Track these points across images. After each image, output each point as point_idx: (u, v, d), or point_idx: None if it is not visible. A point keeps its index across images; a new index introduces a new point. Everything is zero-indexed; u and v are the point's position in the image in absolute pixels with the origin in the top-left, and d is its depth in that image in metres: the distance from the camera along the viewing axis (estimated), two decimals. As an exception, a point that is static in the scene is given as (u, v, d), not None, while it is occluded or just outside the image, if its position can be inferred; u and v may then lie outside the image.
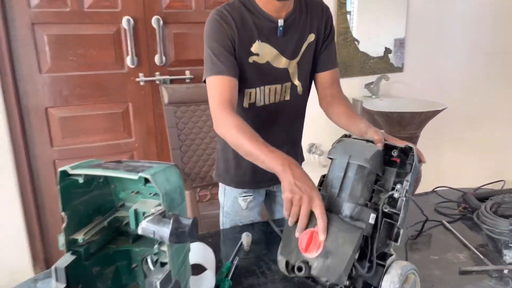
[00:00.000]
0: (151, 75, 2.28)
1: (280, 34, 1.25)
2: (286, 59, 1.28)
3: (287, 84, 1.33)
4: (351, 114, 1.27)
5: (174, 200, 0.79)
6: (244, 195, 1.46)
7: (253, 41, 1.23)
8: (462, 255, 1.16)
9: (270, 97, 1.33)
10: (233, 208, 1.48)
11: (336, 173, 0.96)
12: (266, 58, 1.26)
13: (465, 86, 2.99)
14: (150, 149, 2.35)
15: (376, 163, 0.94)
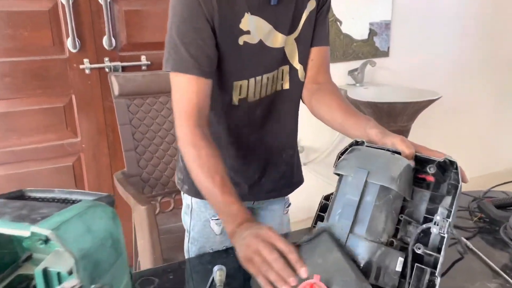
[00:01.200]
0: (99, 62, 1.96)
1: (274, 2, 0.93)
2: (281, 34, 0.98)
3: (285, 68, 1.03)
4: (349, 110, 0.98)
5: (101, 262, 0.49)
6: (217, 218, 1.14)
7: (241, 15, 0.91)
8: (493, 285, 0.93)
9: (267, 88, 1.02)
10: (203, 234, 1.16)
11: (349, 196, 0.69)
12: (259, 36, 0.95)
13: (454, 72, 2.89)
14: (101, 151, 2.04)
15: (405, 184, 0.68)
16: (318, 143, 2.46)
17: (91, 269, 0.47)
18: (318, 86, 1.06)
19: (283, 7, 0.96)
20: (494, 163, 3.19)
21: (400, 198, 0.70)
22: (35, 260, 0.61)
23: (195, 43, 0.87)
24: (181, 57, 0.87)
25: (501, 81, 3.08)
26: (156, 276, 0.99)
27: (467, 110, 3.00)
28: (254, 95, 1.01)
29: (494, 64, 3.00)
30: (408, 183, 0.71)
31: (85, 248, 0.46)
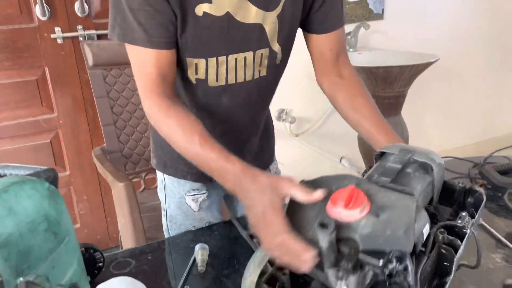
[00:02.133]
0: (72, 30, 1.83)
1: None
2: (257, 8, 0.81)
3: (264, 52, 0.87)
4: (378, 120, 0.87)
5: (32, 250, 0.39)
6: (193, 194, 1.05)
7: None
8: (497, 255, 0.87)
9: (236, 74, 0.87)
10: (180, 211, 1.07)
11: (390, 164, 0.69)
12: (225, 6, 0.78)
13: (452, 35, 2.78)
14: (80, 127, 1.94)
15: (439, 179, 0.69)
16: (309, 113, 2.37)
17: (16, 260, 0.37)
18: (343, 81, 0.93)
19: None
20: (494, 128, 3.14)
21: (431, 186, 0.66)
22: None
23: (143, 10, 0.73)
24: (129, 25, 0.74)
25: (502, 43, 2.99)
26: (133, 258, 0.92)
27: (466, 74, 2.92)
28: (217, 80, 0.86)
29: (495, 26, 2.90)
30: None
31: (4, 234, 0.36)
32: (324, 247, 0.53)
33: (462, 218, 0.66)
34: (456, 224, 0.65)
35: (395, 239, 0.53)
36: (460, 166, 1.25)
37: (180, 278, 0.82)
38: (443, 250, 0.64)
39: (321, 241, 0.53)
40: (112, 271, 0.84)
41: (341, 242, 0.55)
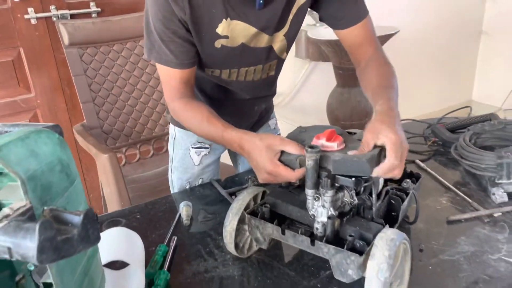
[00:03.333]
0: (45, 10, 1.83)
1: (259, 7, 0.88)
2: (268, 35, 0.95)
3: (273, 62, 1.03)
4: (376, 90, 0.90)
5: (52, 186, 0.48)
6: (198, 146, 1.19)
7: (219, 21, 0.88)
8: (444, 199, 1.00)
9: (246, 77, 1.03)
10: (182, 163, 1.20)
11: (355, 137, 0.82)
12: (240, 40, 0.93)
13: (410, 6, 2.89)
14: (58, 106, 1.96)
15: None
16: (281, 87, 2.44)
17: (40, 192, 0.46)
18: (365, 64, 0.99)
19: (269, 9, 0.90)
20: (452, 96, 3.30)
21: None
22: (-13, 198, 0.60)
23: (173, 41, 0.90)
24: (163, 51, 0.91)
25: (459, 11, 3.10)
26: (123, 217, 1.00)
27: (424, 45, 3.03)
28: (229, 77, 1.02)
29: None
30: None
31: (31, 169, 0.45)
32: (310, 164, 0.68)
33: (406, 183, 0.82)
34: (402, 187, 0.82)
35: (359, 164, 0.67)
36: (417, 128, 1.38)
37: (167, 232, 0.92)
38: (392, 201, 0.78)
39: (308, 159, 0.68)
40: (104, 229, 0.92)
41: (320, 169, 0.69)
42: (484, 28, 3.27)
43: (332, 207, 0.69)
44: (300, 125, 0.85)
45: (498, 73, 3.26)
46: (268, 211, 0.77)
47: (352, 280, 0.66)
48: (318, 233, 0.70)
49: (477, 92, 3.45)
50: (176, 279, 0.78)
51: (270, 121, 1.31)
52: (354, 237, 0.68)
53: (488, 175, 1.00)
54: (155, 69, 1.74)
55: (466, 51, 3.29)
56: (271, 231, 0.74)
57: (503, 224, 0.88)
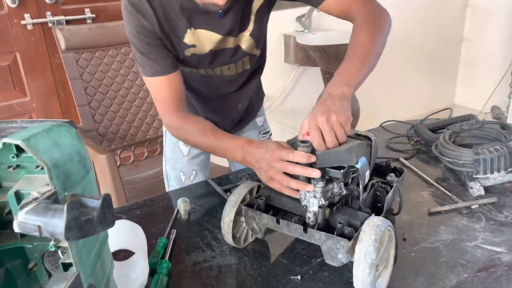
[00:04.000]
0: (41, 16, 1.87)
1: (220, 17, 0.96)
2: (233, 37, 1.03)
3: (245, 59, 1.09)
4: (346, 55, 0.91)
5: (72, 174, 0.53)
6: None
7: (184, 31, 0.96)
8: (425, 193, 1.07)
9: (224, 73, 1.10)
10: (173, 154, 1.29)
11: None
12: (207, 47, 1.00)
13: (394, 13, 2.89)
14: (53, 109, 1.99)
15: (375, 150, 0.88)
16: (271, 90, 2.52)
17: (63, 179, 0.51)
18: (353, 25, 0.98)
19: (230, 15, 0.97)
20: (436, 99, 3.40)
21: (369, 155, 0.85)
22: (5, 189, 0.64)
23: (150, 52, 0.95)
24: (146, 63, 0.97)
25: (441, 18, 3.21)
26: (123, 213, 1.05)
27: (408, 51, 3.12)
28: (205, 73, 1.08)
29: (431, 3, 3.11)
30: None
31: (55, 158, 0.50)
32: None
33: (390, 177, 0.89)
34: (386, 180, 0.88)
35: (340, 154, 0.74)
36: (401, 128, 1.46)
37: (167, 226, 0.97)
38: (378, 193, 0.85)
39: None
40: (106, 223, 0.97)
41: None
42: (465, 35, 3.39)
43: (322, 197, 0.75)
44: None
45: (479, 78, 3.38)
46: (263, 203, 0.82)
47: (342, 263, 0.72)
48: (310, 222, 0.76)
49: (459, 96, 3.56)
50: (176, 268, 0.83)
51: (258, 118, 1.38)
52: (343, 224, 0.74)
53: (466, 170, 1.07)
54: (149, 74, 1.79)
55: (448, 57, 3.40)
56: (266, 221, 0.80)
57: (479, 215, 0.95)
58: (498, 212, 0.95)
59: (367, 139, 0.87)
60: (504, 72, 3.13)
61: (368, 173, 0.83)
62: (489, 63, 3.26)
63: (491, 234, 0.88)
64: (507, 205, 0.98)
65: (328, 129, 0.76)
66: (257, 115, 1.37)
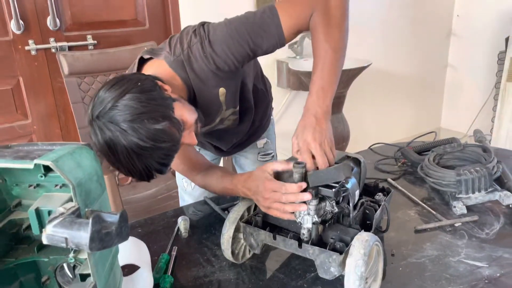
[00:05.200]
0: (44, 42, 1.93)
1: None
2: (213, 123, 1.12)
3: (230, 117, 1.15)
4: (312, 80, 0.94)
5: (91, 192, 0.59)
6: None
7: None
8: (412, 212, 1.13)
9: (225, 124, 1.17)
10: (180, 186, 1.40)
11: None
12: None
13: (383, 40, 3.09)
14: (53, 131, 2.03)
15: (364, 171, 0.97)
16: (264, 114, 2.58)
17: (84, 196, 0.57)
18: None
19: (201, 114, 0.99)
20: (423, 123, 3.50)
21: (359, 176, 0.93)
22: (24, 206, 0.70)
23: None
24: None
25: (426, 46, 3.34)
26: (126, 232, 1.09)
27: (395, 76, 3.23)
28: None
29: (418, 31, 3.24)
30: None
31: (78, 178, 0.56)
32: (297, 178, 0.81)
33: (378, 196, 0.96)
34: (375, 200, 0.95)
35: (329, 173, 0.81)
36: (389, 150, 1.54)
37: (168, 243, 1.02)
38: (367, 211, 0.92)
39: (295, 173, 0.80)
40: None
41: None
42: (450, 62, 3.54)
43: (316, 214, 0.81)
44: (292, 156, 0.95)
45: (463, 102, 3.50)
46: (260, 220, 0.88)
47: (334, 276, 0.78)
48: (304, 238, 0.82)
49: (445, 120, 3.68)
50: (178, 283, 0.88)
51: (259, 140, 1.44)
52: (335, 239, 0.80)
53: (449, 190, 1.14)
54: (147, 97, 1.85)
55: (434, 82, 3.53)
56: (263, 237, 0.86)
57: (462, 232, 1.02)
58: (480, 230, 1.02)
59: (357, 161, 0.94)
60: (487, 97, 3.26)
61: (358, 192, 0.89)
62: (472, 88, 3.39)
63: (473, 250, 0.94)
64: (488, 223, 1.05)
65: (321, 153, 0.84)
66: (259, 137, 1.43)
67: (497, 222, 1.05)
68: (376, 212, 0.91)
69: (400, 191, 1.23)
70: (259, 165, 1.43)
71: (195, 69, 0.94)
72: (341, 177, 0.80)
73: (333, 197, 0.81)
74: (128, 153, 0.77)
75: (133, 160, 0.78)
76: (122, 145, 0.77)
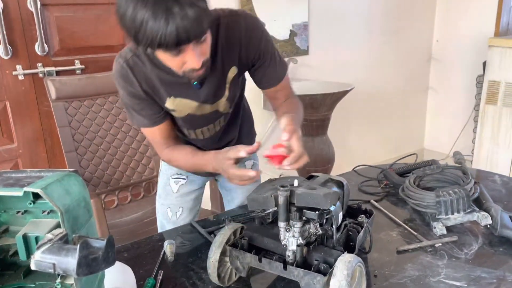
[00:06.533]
0: (32, 67, 1.95)
1: (196, 88, 1.10)
2: (210, 104, 1.16)
3: (220, 119, 1.23)
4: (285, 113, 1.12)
5: (79, 218, 0.61)
6: (177, 177, 1.38)
7: (165, 99, 1.10)
8: (394, 233, 1.15)
9: (204, 134, 1.24)
10: (164, 190, 1.40)
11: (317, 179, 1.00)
12: (186, 111, 1.14)
13: (366, 65, 3.18)
14: (39, 155, 2.02)
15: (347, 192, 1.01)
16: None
17: (72, 222, 0.59)
18: (281, 103, 1.24)
19: (206, 87, 1.10)
20: (405, 144, 3.57)
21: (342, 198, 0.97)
22: (11, 233, 0.70)
23: (143, 109, 1.10)
24: (137, 118, 1.13)
25: (408, 69, 3.45)
26: (111, 256, 1.09)
27: (379, 98, 3.31)
28: (192, 136, 1.23)
29: (400, 55, 3.35)
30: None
31: (67, 204, 0.57)
32: (282, 200, 0.83)
33: (361, 218, 0.99)
34: (357, 221, 0.98)
35: (317, 197, 0.82)
36: (372, 172, 1.57)
37: (154, 267, 1.02)
38: (350, 233, 0.94)
39: (280, 196, 0.83)
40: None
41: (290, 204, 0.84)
42: (430, 84, 3.64)
43: (300, 236, 0.83)
44: (270, 178, 1.01)
45: (445, 124, 3.59)
46: (246, 243, 0.90)
47: None
48: (289, 260, 0.84)
49: (428, 141, 3.76)
50: (165, 307, 0.88)
51: (247, 162, 1.46)
52: (319, 261, 0.82)
53: (429, 211, 1.17)
54: (134, 121, 1.88)
55: (416, 104, 3.63)
56: (249, 260, 0.87)
57: (442, 252, 1.04)
58: (459, 250, 1.05)
59: (340, 183, 0.97)
60: (467, 119, 3.35)
61: (341, 214, 0.92)
62: (453, 110, 3.49)
63: (453, 270, 0.97)
64: (467, 243, 1.08)
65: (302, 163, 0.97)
66: (246, 159, 1.45)
67: (475, 242, 1.08)
68: (359, 233, 0.93)
69: (383, 212, 1.26)
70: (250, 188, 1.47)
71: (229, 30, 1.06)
72: (327, 205, 0.83)
73: (317, 219, 0.84)
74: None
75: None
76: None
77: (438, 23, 3.47)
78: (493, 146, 2.88)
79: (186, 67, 0.94)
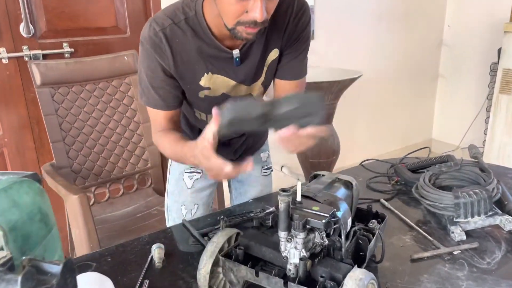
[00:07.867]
0: (17, 50, 1.82)
1: (236, 64, 1.00)
2: (246, 86, 1.07)
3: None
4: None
5: (31, 235, 0.49)
6: (191, 171, 1.27)
7: (201, 75, 0.99)
8: (407, 237, 1.05)
9: None
10: (177, 187, 1.28)
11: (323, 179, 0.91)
12: (221, 90, 1.05)
13: (374, 51, 3.05)
14: (26, 144, 1.92)
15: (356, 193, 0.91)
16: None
17: (21, 242, 0.47)
18: None
19: (246, 65, 1.02)
20: (413, 134, 3.45)
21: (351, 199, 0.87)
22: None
23: (162, 88, 1.00)
24: (153, 97, 1.02)
25: (417, 56, 3.31)
26: (93, 261, 0.99)
27: (386, 87, 3.19)
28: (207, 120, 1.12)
29: (409, 41, 3.21)
30: None
31: (12, 221, 0.46)
32: (283, 207, 0.71)
33: (372, 223, 0.88)
34: (368, 227, 0.87)
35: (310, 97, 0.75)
36: (381, 167, 1.46)
37: (139, 275, 0.92)
38: (360, 241, 0.83)
39: (281, 202, 0.71)
40: (74, 273, 0.91)
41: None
42: (441, 72, 3.50)
43: (304, 248, 0.72)
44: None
45: (455, 113, 3.46)
46: (242, 253, 0.79)
47: None
48: (290, 275, 0.73)
49: (437, 131, 3.63)
50: (148, 324, 0.78)
51: (262, 153, 1.39)
52: (325, 278, 0.71)
53: (447, 214, 1.06)
54: (127, 108, 1.76)
55: (425, 93, 3.49)
56: (245, 274, 0.76)
57: (462, 261, 0.93)
58: (480, 259, 0.94)
59: (348, 184, 0.85)
60: (479, 109, 3.22)
61: (350, 220, 0.81)
62: (464, 99, 3.36)
63: (474, 282, 0.86)
64: (489, 250, 0.97)
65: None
66: (260, 149, 1.38)
67: (498, 249, 0.97)
68: (370, 242, 0.82)
69: (394, 213, 1.15)
70: (263, 181, 1.38)
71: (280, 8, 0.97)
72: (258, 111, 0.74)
73: (323, 228, 0.73)
74: None
75: None
76: None
77: (450, 7, 3.32)
78: (506, 137, 2.74)
79: (245, 17, 0.84)
